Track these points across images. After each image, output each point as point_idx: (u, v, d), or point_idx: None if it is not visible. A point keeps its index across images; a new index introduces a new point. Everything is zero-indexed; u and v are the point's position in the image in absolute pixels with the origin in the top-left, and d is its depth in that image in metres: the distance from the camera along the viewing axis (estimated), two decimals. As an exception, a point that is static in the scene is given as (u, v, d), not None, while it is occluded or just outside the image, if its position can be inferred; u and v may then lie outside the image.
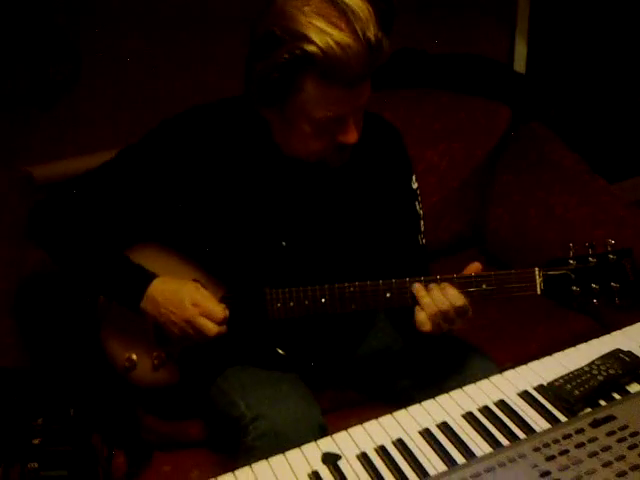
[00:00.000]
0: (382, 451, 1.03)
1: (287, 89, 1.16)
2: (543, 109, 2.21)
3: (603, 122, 2.64)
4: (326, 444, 1.05)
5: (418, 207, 1.41)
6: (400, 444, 1.04)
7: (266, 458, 1.03)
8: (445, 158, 1.96)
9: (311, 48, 1.10)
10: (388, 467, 1.01)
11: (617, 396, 1.09)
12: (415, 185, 1.41)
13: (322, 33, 1.10)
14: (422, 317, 1.19)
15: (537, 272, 1.20)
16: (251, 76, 1.19)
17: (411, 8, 2.16)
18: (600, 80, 2.58)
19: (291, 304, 1.27)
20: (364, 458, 1.02)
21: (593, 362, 1.13)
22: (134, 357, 1.37)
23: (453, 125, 2.00)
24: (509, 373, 1.18)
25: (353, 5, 1.12)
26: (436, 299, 1.18)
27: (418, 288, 1.20)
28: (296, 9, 1.12)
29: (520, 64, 2.44)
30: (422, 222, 1.42)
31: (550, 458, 0.94)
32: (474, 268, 1.22)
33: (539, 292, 1.21)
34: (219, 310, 1.26)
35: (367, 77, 1.17)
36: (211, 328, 1.25)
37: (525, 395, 1.12)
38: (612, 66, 2.58)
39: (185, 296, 1.25)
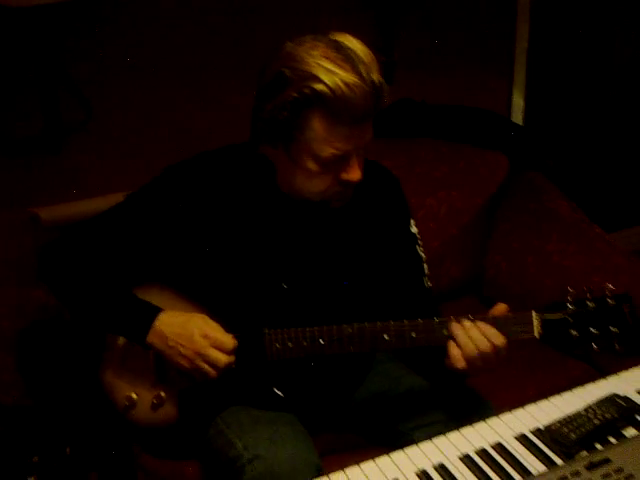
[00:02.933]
0: (378, 491, 1.03)
1: (295, 127, 1.21)
2: (540, 159, 2.25)
3: (599, 173, 2.69)
4: (322, 484, 1.06)
5: (419, 250, 1.44)
6: (396, 485, 1.04)
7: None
8: (444, 205, 1.99)
9: (320, 87, 1.15)
10: (384, 507, 1.01)
11: (613, 440, 1.10)
12: (415, 229, 1.44)
13: (330, 73, 1.15)
14: (456, 353, 1.19)
15: (534, 315, 1.21)
16: (260, 117, 1.24)
17: (413, 61, 2.24)
18: (596, 131, 2.64)
19: (289, 345, 1.28)
20: (360, 498, 1.02)
21: (590, 406, 1.14)
22: (134, 396, 1.37)
23: (453, 174, 2.03)
24: (506, 416, 1.18)
25: (357, 50, 1.18)
26: (475, 338, 1.18)
27: (454, 326, 1.21)
28: (304, 52, 1.18)
29: (518, 116, 2.50)
30: (425, 265, 1.44)
31: (546, 500, 0.94)
32: (501, 309, 1.23)
33: (537, 336, 1.21)
34: (228, 340, 1.28)
35: (371, 117, 1.22)
36: (221, 358, 1.26)
37: (522, 438, 1.12)
38: (608, 117, 2.63)
39: (194, 328, 1.27)
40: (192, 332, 1.27)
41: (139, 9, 1.88)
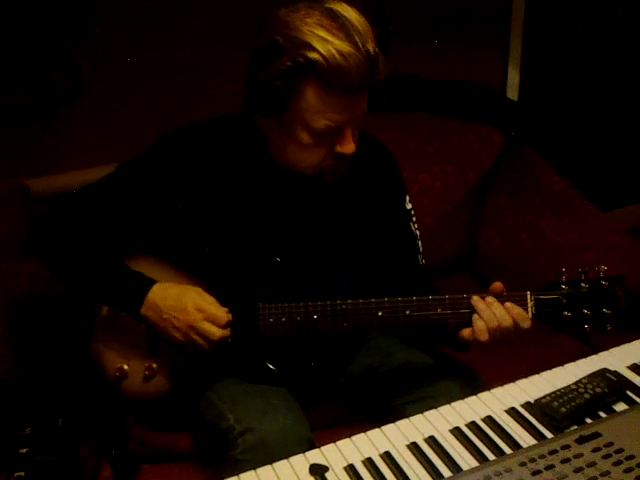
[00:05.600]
0: (370, 463, 1.04)
1: (288, 97, 1.19)
2: (535, 136, 2.24)
3: (594, 151, 2.68)
4: (314, 456, 1.06)
5: (413, 227, 1.43)
6: (388, 457, 1.05)
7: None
8: (438, 181, 1.99)
9: (313, 55, 1.13)
10: (375, 479, 1.01)
11: (603, 414, 1.10)
12: (409, 206, 1.44)
13: (324, 42, 1.13)
14: (481, 325, 1.19)
15: (529, 296, 1.22)
16: (252, 86, 1.22)
17: (408, 35, 2.21)
18: (592, 109, 2.63)
19: (283, 319, 1.28)
20: (351, 470, 1.03)
21: (580, 381, 1.15)
22: (125, 367, 1.37)
23: (447, 149, 2.03)
24: (497, 390, 1.19)
25: (352, 19, 1.16)
26: (499, 315, 1.19)
27: (477, 300, 1.21)
28: (298, 20, 1.16)
29: (513, 92, 2.49)
30: (419, 242, 1.43)
31: (536, 473, 0.95)
32: (497, 288, 1.23)
33: (530, 316, 1.22)
34: (222, 314, 1.27)
35: (365, 87, 1.20)
36: (215, 332, 1.26)
37: (512, 412, 1.13)
38: (604, 95, 2.62)
39: (188, 301, 1.26)
40: (186, 305, 1.26)
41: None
